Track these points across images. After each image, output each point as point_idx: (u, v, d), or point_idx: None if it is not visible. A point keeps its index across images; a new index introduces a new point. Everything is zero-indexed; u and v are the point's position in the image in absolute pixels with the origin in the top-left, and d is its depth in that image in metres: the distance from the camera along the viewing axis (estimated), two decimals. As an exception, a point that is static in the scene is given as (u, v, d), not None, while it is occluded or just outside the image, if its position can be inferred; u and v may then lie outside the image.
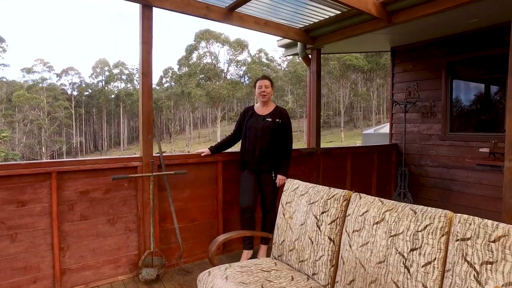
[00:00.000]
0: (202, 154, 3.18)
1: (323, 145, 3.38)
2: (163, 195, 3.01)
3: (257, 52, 54.28)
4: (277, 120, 3.05)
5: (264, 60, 53.32)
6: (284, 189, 2.46)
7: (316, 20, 3.65)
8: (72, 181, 2.56)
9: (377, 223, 1.75)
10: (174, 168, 3.03)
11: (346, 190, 2.07)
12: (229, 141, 3.26)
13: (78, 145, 60.25)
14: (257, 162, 3.03)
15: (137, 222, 2.88)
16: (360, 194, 1.96)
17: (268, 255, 3.26)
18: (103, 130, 63.25)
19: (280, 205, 2.43)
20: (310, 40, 3.97)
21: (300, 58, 4.31)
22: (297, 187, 2.36)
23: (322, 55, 4.22)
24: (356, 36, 3.66)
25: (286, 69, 53.60)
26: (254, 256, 3.21)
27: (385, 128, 13.59)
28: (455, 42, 4.55)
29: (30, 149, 45.91)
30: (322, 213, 2.09)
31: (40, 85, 50.73)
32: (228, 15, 3.26)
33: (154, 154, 2.91)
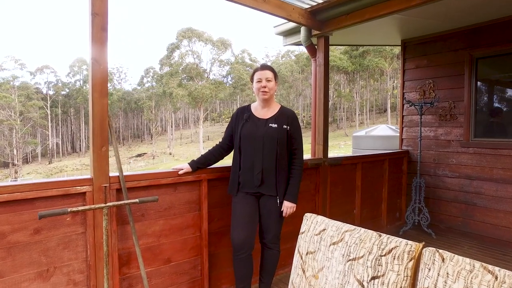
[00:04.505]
0: (180, 172, 2.31)
1: (305, 147, 2.57)
2: (126, 230, 2.15)
3: (241, 52, 53.53)
4: (284, 126, 2.23)
5: (247, 60, 52.51)
6: (301, 230, 1.66)
7: (327, -2, 2.88)
8: (-22, 220, 1.67)
9: (492, 316, 0.98)
10: (141, 192, 2.18)
11: (410, 243, 1.28)
12: (217, 154, 2.40)
13: (55, 146, 57.83)
14: (257, 184, 2.21)
15: (86, 271, 2.01)
16: (442, 252, 1.18)
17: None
18: (81, 131, 61.04)
19: (297, 254, 1.62)
20: (317, 24, 3.18)
21: (289, 53, 3.55)
22: (324, 229, 1.56)
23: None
24: (380, 18, 2.90)
25: (270, 69, 52.95)
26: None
27: (377, 130, 12.96)
28: (481, 33, 3.87)
29: (0, 151, 43.40)
30: (373, 278, 1.30)
31: (11, 83, 48.07)
32: (216, -16, 2.43)
33: (111, 175, 2.04)
